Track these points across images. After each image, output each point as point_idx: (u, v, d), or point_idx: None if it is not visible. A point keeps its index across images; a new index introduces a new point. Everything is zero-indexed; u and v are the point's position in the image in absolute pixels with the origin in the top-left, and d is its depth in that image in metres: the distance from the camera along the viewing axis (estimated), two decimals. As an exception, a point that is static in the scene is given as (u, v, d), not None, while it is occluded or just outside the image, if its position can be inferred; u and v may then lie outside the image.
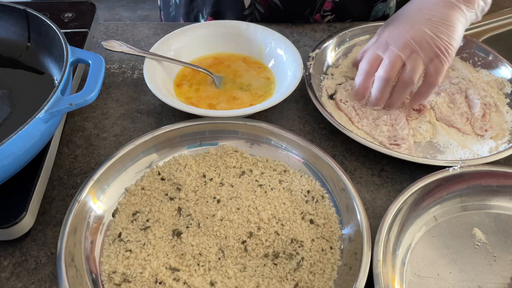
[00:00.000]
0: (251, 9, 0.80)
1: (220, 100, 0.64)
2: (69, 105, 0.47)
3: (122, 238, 0.47)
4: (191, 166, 0.54)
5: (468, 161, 0.54)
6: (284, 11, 0.79)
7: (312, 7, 0.79)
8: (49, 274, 0.46)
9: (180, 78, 0.67)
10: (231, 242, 0.47)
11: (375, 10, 0.81)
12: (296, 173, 0.54)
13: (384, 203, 0.54)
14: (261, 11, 0.79)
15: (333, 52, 0.71)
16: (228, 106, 0.63)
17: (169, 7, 0.90)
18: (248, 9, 0.80)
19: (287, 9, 0.78)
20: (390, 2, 0.81)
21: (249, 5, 0.79)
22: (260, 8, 0.79)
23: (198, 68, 0.66)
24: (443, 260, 0.48)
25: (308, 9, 0.79)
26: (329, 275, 0.45)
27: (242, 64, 0.70)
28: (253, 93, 0.65)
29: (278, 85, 0.65)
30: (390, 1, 0.81)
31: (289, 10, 0.79)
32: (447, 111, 0.63)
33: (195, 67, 0.66)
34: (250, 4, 0.79)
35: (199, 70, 0.66)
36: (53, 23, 0.54)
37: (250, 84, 0.66)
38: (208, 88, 0.66)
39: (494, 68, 0.70)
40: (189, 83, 0.66)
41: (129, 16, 2.53)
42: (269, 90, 0.65)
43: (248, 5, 0.79)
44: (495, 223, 0.51)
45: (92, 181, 0.49)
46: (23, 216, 0.46)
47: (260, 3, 0.78)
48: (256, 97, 0.64)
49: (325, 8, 0.79)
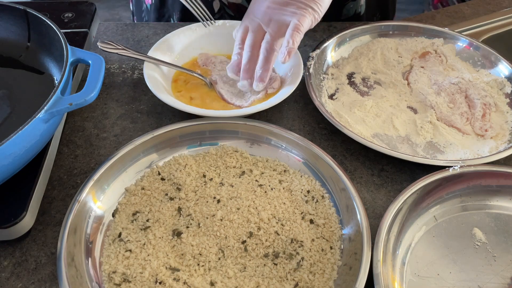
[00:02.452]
0: (221, 13, 0.79)
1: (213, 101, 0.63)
2: (69, 105, 0.47)
3: (122, 238, 0.47)
4: (191, 166, 0.54)
5: (468, 161, 0.54)
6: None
7: None
8: (49, 274, 0.46)
9: (177, 74, 0.67)
10: (231, 242, 0.47)
11: (346, 9, 0.81)
12: (296, 173, 0.54)
13: (384, 203, 0.54)
14: (231, 14, 0.79)
15: (333, 52, 0.71)
16: (219, 106, 0.63)
17: (141, 12, 0.90)
18: (218, 13, 0.79)
19: None
20: (360, 0, 0.82)
21: (218, 9, 0.79)
22: (230, 12, 0.79)
23: (191, 73, 0.65)
24: (443, 260, 0.48)
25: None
26: (329, 275, 0.45)
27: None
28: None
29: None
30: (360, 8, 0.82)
31: None
32: (447, 111, 0.63)
33: (189, 71, 0.65)
34: (219, 9, 0.78)
35: (193, 75, 0.65)
36: (53, 23, 0.54)
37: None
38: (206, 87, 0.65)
39: (494, 68, 0.70)
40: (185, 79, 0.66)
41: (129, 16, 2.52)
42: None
43: (217, 9, 0.79)
44: (495, 223, 0.51)
45: (92, 181, 0.49)
46: (23, 216, 0.46)
47: (230, 7, 0.78)
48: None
49: None
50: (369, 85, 0.68)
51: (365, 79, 0.69)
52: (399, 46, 0.74)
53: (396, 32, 0.75)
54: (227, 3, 0.77)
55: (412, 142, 0.60)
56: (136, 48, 0.74)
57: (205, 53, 0.70)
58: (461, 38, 0.74)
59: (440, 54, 0.73)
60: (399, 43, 0.75)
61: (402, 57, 0.73)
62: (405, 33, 0.75)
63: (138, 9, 0.91)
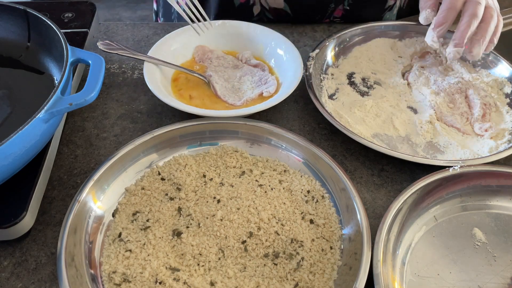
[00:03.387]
0: (260, 16, 0.80)
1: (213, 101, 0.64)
2: (69, 105, 0.47)
3: (122, 238, 0.47)
4: (191, 166, 0.54)
5: (468, 161, 0.54)
6: (294, 18, 0.79)
7: (322, 14, 0.79)
8: (49, 274, 0.46)
9: (177, 73, 0.67)
10: (231, 242, 0.47)
11: (384, 19, 0.83)
12: (296, 173, 0.54)
13: (384, 203, 0.54)
14: (270, 17, 0.80)
15: (333, 52, 0.71)
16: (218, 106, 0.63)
17: (170, 13, 0.90)
18: (257, 16, 0.80)
19: (297, 16, 0.79)
20: (394, 10, 0.83)
21: (258, 13, 0.79)
22: (270, 16, 0.80)
23: (191, 72, 0.65)
24: (443, 260, 0.48)
25: (318, 15, 0.80)
26: (329, 275, 0.45)
27: (242, 64, 0.70)
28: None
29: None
30: (394, 9, 0.82)
31: (299, 18, 0.80)
32: (447, 111, 0.63)
33: (188, 71, 0.65)
34: (259, 12, 0.79)
35: (193, 75, 0.65)
36: (53, 23, 0.54)
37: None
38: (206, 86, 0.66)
39: (494, 68, 0.70)
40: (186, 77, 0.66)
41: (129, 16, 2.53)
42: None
43: (257, 13, 0.79)
44: (495, 223, 0.51)
45: (92, 181, 0.49)
46: (23, 216, 0.46)
47: (270, 11, 0.79)
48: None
49: (335, 15, 0.80)
50: (369, 85, 0.68)
51: (365, 79, 0.69)
52: (399, 46, 0.74)
53: (396, 32, 0.75)
54: (268, 8, 0.78)
55: (412, 142, 0.60)
56: (136, 48, 0.74)
57: (201, 46, 0.70)
58: (461, 38, 0.74)
59: (440, 54, 0.73)
60: (399, 43, 0.75)
61: (402, 57, 0.73)
62: (405, 33, 0.75)
63: (166, 9, 0.91)
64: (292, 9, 0.78)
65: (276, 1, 0.77)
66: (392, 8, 0.82)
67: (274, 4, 0.77)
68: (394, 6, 0.82)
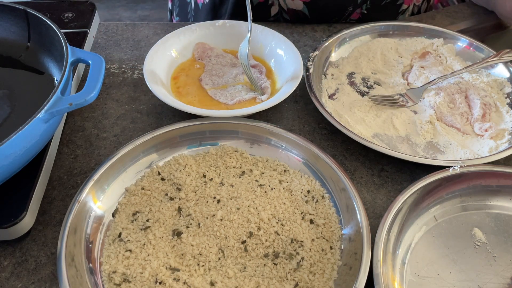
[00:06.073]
0: (277, 17, 0.80)
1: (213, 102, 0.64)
2: (69, 105, 0.47)
3: (122, 238, 0.47)
4: (191, 166, 0.54)
5: (468, 161, 0.54)
6: (311, 20, 0.80)
7: (339, 16, 0.80)
8: (49, 274, 0.46)
9: (177, 71, 0.67)
10: (231, 242, 0.47)
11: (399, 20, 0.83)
12: (296, 173, 0.54)
13: (384, 203, 0.54)
14: (287, 18, 0.80)
15: (333, 52, 0.71)
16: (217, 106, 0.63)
17: (187, 12, 0.90)
18: (274, 16, 0.80)
19: (314, 18, 0.79)
20: (406, 14, 0.84)
21: (275, 13, 0.80)
22: (287, 17, 0.80)
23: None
24: (443, 260, 0.48)
25: (335, 17, 0.80)
26: (329, 275, 0.45)
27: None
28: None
29: (278, 85, 0.65)
30: (406, 13, 0.84)
31: (316, 19, 0.80)
32: (447, 111, 0.63)
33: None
34: (276, 13, 0.80)
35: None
36: (53, 23, 0.54)
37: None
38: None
39: (494, 68, 0.70)
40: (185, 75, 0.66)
41: (129, 16, 2.53)
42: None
43: (274, 14, 0.80)
44: (495, 223, 0.51)
45: (92, 181, 0.49)
46: (23, 216, 0.46)
47: (288, 12, 0.79)
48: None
49: (352, 18, 0.81)
50: (369, 85, 0.68)
51: (365, 79, 0.69)
52: (399, 46, 0.74)
53: (396, 32, 0.76)
54: (287, 9, 0.78)
55: (412, 142, 0.60)
56: (136, 48, 0.74)
57: (202, 43, 0.70)
58: (461, 38, 0.74)
59: (440, 54, 0.73)
60: (399, 43, 0.75)
61: (402, 57, 0.73)
62: (405, 33, 0.76)
63: (182, 8, 0.91)
64: (311, 11, 0.78)
65: (295, 2, 0.77)
66: (404, 12, 0.83)
67: (293, 5, 0.77)
68: (406, 10, 0.83)
